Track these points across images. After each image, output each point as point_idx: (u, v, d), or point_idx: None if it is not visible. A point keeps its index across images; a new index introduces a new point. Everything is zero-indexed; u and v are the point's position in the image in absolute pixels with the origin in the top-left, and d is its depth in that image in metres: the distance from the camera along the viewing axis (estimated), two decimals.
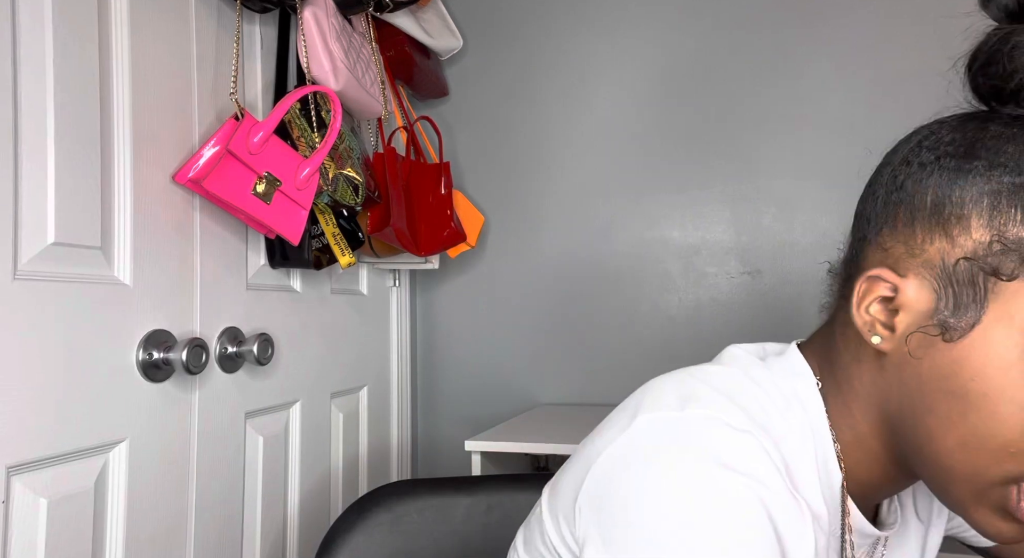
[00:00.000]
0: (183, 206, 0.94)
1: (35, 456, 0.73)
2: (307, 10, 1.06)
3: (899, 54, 1.38)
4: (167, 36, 0.93)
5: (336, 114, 1.01)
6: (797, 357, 0.52)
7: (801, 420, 0.48)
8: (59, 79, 0.77)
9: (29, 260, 0.74)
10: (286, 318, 1.15)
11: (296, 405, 1.18)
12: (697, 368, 0.52)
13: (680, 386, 0.48)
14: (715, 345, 1.60)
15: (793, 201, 1.44)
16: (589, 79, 1.57)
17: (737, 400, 0.46)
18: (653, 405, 0.47)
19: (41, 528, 0.73)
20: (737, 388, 0.48)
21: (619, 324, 1.53)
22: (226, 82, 1.02)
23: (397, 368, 1.55)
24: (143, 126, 0.88)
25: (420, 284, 1.66)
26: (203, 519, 0.95)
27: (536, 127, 1.60)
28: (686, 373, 0.51)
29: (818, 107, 1.43)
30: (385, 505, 0.85)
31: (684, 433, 0.44)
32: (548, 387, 1.57)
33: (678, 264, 1.50)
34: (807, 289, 1.42)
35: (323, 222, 1.12)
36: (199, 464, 0.95)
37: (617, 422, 0.48)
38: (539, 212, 1.59)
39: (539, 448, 1.11)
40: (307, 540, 1.19)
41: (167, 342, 0.88)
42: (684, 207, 1.50)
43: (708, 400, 0.46)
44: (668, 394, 0.48)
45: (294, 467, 1.17)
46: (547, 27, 1.61)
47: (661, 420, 0.45)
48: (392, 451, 1.53)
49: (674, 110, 1.51)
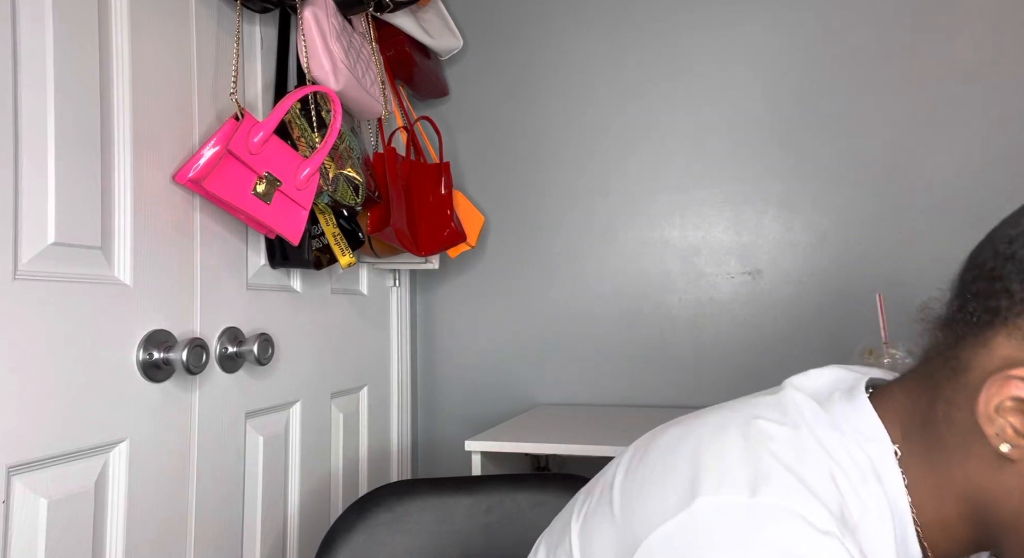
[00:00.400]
0: (183, 206, 0.94)
1: (35, 456, 0.73)
2: (307, 10, 1.06)
3: (900, 55, 1.38)
4: (167, 36, 0.93)
5: (336, 114, 1.01)
6: (871, 417, 0.46)
7: (878, 497, 0.43)
8: (59, 79, 0.77)
9: (29, 260, 0.74)
10: (286, 318, 1.15)
11: (296, 405, 1.18)
12: (758, 422, 0.46)
13: (747, 456, 0.43)
14: (715, 345, 1.60)
15: (793, 201, 1.44)
16: (589, 79, 1.57)
17: (811, 481, 0.41)
18: (717, 483, 0.41)
19: (41, 528, 0.73)
20: (809, 461, 0.43)
21: (619, 324, 1.53)
22: (226, 82, 1.02)
23: (397, 368, 1.55)
24: (143, 126, 0.88)
25: (420, 284, 1.66)
26: (203, 519, 0.95)
27: (536, 127, 1.60)
28: (748, 432, 0.45)
29: (819, 107, 1.43)
30: (385, 505, 0.85)
31: (757, 527, 0.39)
32: (548, 387, 1.57)
33: (678, 264, 1.50)
34: (807, 289, 1.42)
35: (323, 222, 1.12)
36: (199, 464, 0.95)
37: (670, 487, 0.43)
38: (539, 212, 1.59)
39: (539, 448, 1.11)
40: (307, 540, 1.19)
41: (167, 342, 0.88)
42: (684, 207, 1.50)
43: (781, 483, 0.41)
44: (734, 469, 0.42)
45: (294, 467, 1.17)
46: (547, 27, 1.61)
47: (729, 507, 0.40)
48: (392, 451, 1.53)
49: (674, 109, 1.52)
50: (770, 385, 1.58)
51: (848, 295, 1.40)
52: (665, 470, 0.45)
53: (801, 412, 0.47)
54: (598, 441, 1.11)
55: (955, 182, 1.35)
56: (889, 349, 1.09)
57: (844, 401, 0.48)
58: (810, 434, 0.45)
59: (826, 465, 0.43)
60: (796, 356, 1.42)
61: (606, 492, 0.49)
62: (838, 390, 0.49)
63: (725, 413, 0.49)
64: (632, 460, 0.50)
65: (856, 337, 1.38)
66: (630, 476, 0.47)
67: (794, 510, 0.39)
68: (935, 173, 1.36)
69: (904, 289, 1.37)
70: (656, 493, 0.43)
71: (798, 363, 1.41)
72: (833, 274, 1.41)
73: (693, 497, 0.41)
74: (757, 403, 0.49)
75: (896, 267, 1.38)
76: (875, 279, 1.38)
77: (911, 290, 1.36)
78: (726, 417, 0.48)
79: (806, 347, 1.41)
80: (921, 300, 0.48)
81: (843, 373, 0.51)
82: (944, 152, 1.36)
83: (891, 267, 1.38)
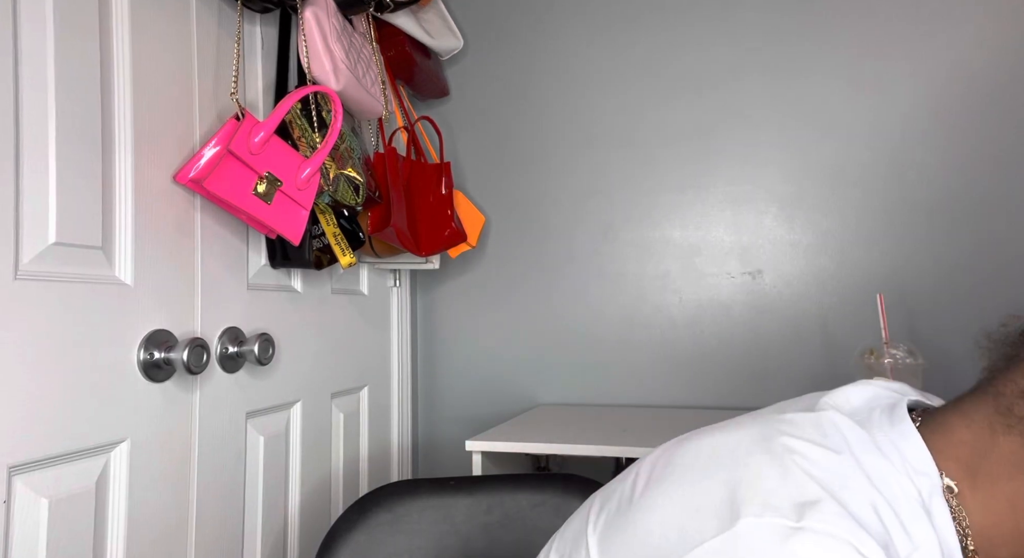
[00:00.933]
0: (184, 206, 0.94)
1: (36, 456, 0.73)
2: (308, 10, 1.06)
3: (900, 55, 1.38)
4: (168, 36, 0.93)
5: (337, 114, 1.01)
6: (919, 447, 0.43)
7: (928, 535, 0.41)
8: (60, 79, 0.77)
9: (30, 260, 0.74)
10: (287, 318, 1.15)
11: (297, 405, 1.18)
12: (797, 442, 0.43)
13: (788, 480, 0.41)
14: (716, 345, 1.59)
15: (793, 201, 1.44)
16: (589, 79, 1.57)
17: (855, 510, 0.39)
18: (761, 506, 0.39)
19: (42, 528, 0.73)
20: (853, 490, 0.41)
21: (619, 324, 1.53)
22: (227, 82, 1.02)
23: (398, 368, 1.55)
24: (144, 126, 0.88)
25: (421, 284, 1.66)
26: (204, 518, 0.95)
27: (536, 127, 1.60)
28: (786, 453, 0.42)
29: (819, 107, 1.43)
30: (385, 505, 0.85)
31: (806, 552, 0.37)
32: (548, 387, 1.57)
33: (678, 264, 1.50)
34: (808, 289, 1.42)
35: (324, 222, 1.12)
36: (200, 464, 0.95)
37: (708, 508, 0.41)
38: (539, 212, 1.59)
39: (539, 448, 1.11)
40: (308, 540, 1.19)
41: (168, 342, 0.89)
42: (684, 207, 1.50)
43: (828, 510, 0.38)
44: (777, 492, 0.40)
45: (295, 467, 1.17)
46: (547, 27, 1.61)
47: (775, 529, 0.38)
48: (392, 451, 1.53)
49: (674, 110, 1.52)
50: (770, 385, 1.58)
51: (849, 295, 1.40)
52: (698, 489, 0.43)
53: (844, 436, 0.44)
54: (598, 441, 1.11)
55: (955, 182, 1.35)
56: (890, 349, 1.09)
57: (887, 424, 0.45)
58: (854, 461, 0.42)
59: (869, 496, 0.41)
60: (797, 356, 1.42)
61: (625, 506, 0.47)
62: (876, 408, 0.47)
63: (758, 429, 0.46)
64: (654, 473, 0.48)
65: (857, 337, 1.38)
66: (656, 491, 0.45)
67: (844, 538, 0.37)
68: (935, 173, 1.36)
69: (904, 289, 1.37)
70: (691, 513, 0.42)
71: (799, 363, 1.41)
72: (833, 274, 1.41)
73: (735, 519, 0.39)
74: (794, 422, 0.46)
75: (896, 267, 1.38)
76: (875, 279, 1.38)
77: (911, 290, 1.36)
78: (761, 435, 0.45)
79: (807, 347, 1.41)
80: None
81: (878, 390, 0.49)
82: (944, 152, 1.36)
83: (891, 267, 1.38)
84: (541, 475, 0.89)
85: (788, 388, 1.41)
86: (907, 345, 1.09)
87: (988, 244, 1.33)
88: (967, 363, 1.31)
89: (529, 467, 1.45)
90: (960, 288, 1.34)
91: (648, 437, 1.14)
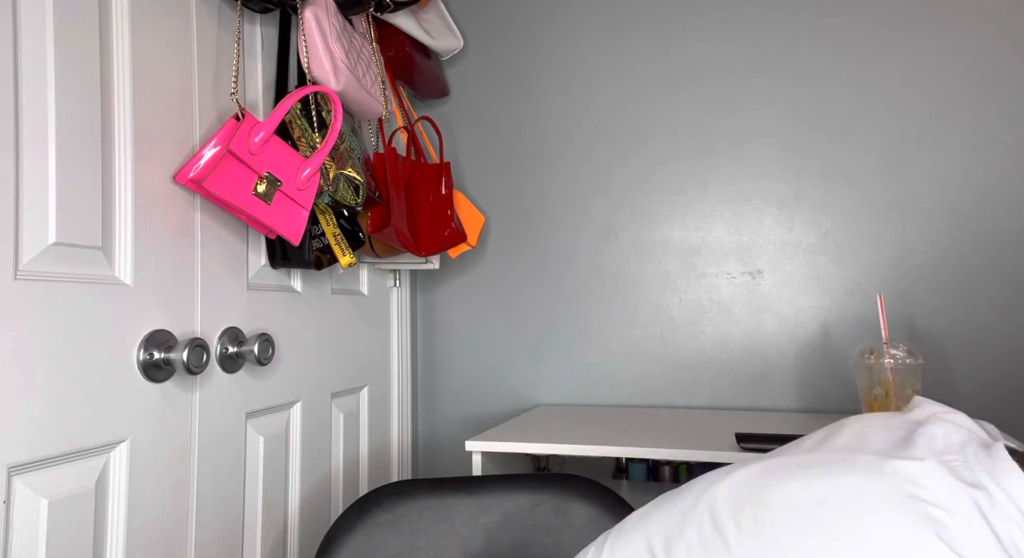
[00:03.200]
0: (184, 206, 0.94)
1: (36, 456, 0.73)
2: (308, 10, 1.06)
3: (900, 55, 1.38)
4: (168, 36, 0.93)
5: (337, 114, 1.01)
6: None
7: None
8: (60, 79, 0.77)
9: (30, 260, 0.74)
10: (287, 318, 1.15)
11: (297, 405, 1.18)
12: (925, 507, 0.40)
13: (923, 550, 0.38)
14: (716, 345, 1.60)
15: (793, 201, 1.44)
16: (589, 79, 1.57)
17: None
18: None
19: (42, 528, 0.73)
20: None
21: (619, 324, 1.53)
22: (227, 82, 1.02)
23: (398, 368, 1.55)
24: (144, 126, 0.88)
25: (420, 284, 1.66)
26: (204, 519, 0.95)
27: (536, 127, 1.60)
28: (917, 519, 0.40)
29: (819, 107, 1.43)
30: (385, 505, 0.85)
31: None
32: (548, 387, 1.57)
33: (678, 264, 1.50)
34: (808, 289, 1.42)
35: (324, 222, 1.12)
36: (200, 464, 0.95)
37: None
38: (539, 212, 1.59)
39: (539, 448, 1.11)
40: (308, 540, 1.19)
41: (168, 342, 0.89)
42: (684, 207, 1.50)
43: None
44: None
45: (295, 467, 1.17)
46: (547, 27, 1.61)
47: None
48: (392, 451, 1.53)
49: (674, 109, 1.52)
50: (770, 385, 1.57)
51: (848, 295, 1.40)
52: (817, 550, 0.40)
53: (969, 494, 0.41)
54: (598, 441, 1.11)
55: (955, 182, 1.35)
56: (890, 349, 1.09)
57: (1003, 475, 0.42)
58: (987, 527, 0.39)
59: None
60: (796, 356, 1.42)
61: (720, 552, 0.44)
62: (970, 445, 0.44)
63: (870, 483, 0.43)
64: (742, 519, 0.44)
65: (857, 337, 1.38)
66: (754, 545, 0.42)
67: None
68: (935, 173, 1.36)
69: (904, 289, 1.37)
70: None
71: (798, 363, 1.41)
72: (833, 274, 1.41)
73: None
74: (909, 475, 0.43)
75: (896, 267, 1.38)
76: (875, 279, 1.38)
77: (911, 290, 1.36)
78: (877, 493, 0.42)
79: (806, 347, 1.41)
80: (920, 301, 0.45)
81: (967, 423, 0.46)
82: (944, 152, 1.36)
83: (891, 267, 1.38)
84: (541, 475, 0.89)
85: (788, 388, 1.41)
86: (907, 345, 1.09)
87: (988, 244, 1.33)
88: (967, 363, 1.31)
89: (529, 467, 1.45)
90: (960, 288, 1.34)
91: (648, 437, 1.14)
